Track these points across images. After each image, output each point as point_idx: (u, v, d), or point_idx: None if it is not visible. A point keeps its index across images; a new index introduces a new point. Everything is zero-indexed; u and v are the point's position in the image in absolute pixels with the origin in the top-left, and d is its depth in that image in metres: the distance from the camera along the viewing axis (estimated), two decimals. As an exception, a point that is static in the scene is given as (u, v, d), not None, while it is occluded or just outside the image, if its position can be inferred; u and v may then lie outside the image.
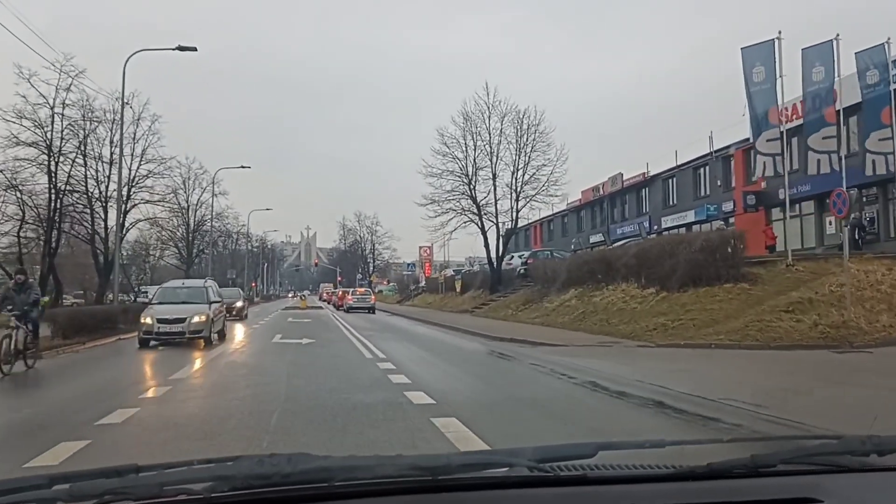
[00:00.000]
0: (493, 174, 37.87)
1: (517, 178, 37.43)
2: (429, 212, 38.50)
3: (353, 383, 10.33)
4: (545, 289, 28.75)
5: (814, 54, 20.58)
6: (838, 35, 20.21)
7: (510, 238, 40.91)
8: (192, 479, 1.43)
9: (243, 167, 49.70)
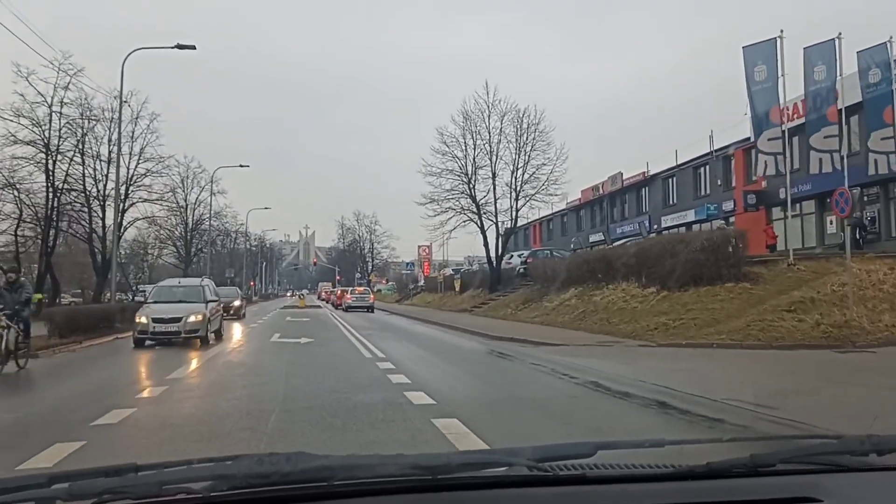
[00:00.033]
0: (493, 173, 37.87)
1: (517, 178, 37.43)
2: (428, 211, 38.52)
3: (352, 383, 10.24)
4: (545, 288, 28.67)
5: (815, 53, 20.49)
6: (840, 34, 20.13)
7: (509, 237, 40.82)
8: (192, 479, 1.43)
9: (242, 166, 49.65)
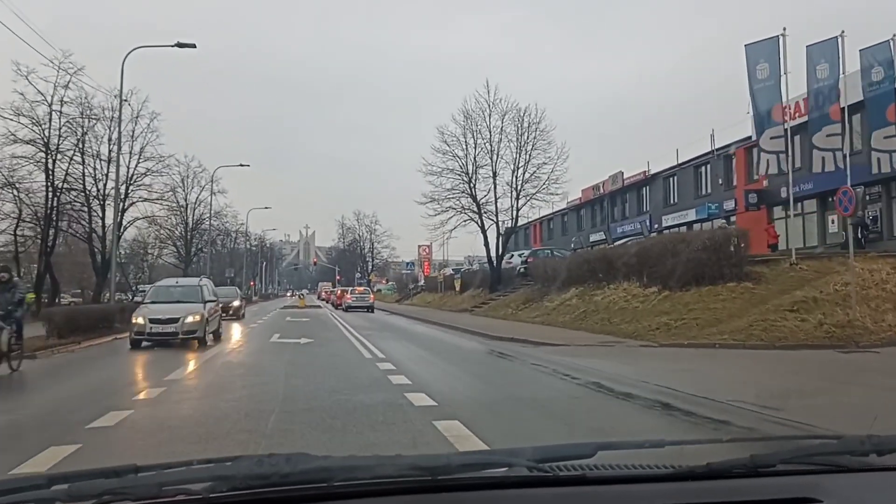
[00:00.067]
0: (494, 172, 37.76)
1: (517, 177, 37.30)
2: (428, 210, 38.41)
3: (352, 384, 10.15)
4: (545, 288, 28.57)
5: (818, 51, 20.40)
6: (843, 32, 20.03)
7: (510, 237, 40.72)
8: (191, 480, 1.43)
9: (242, 165, 49.58)
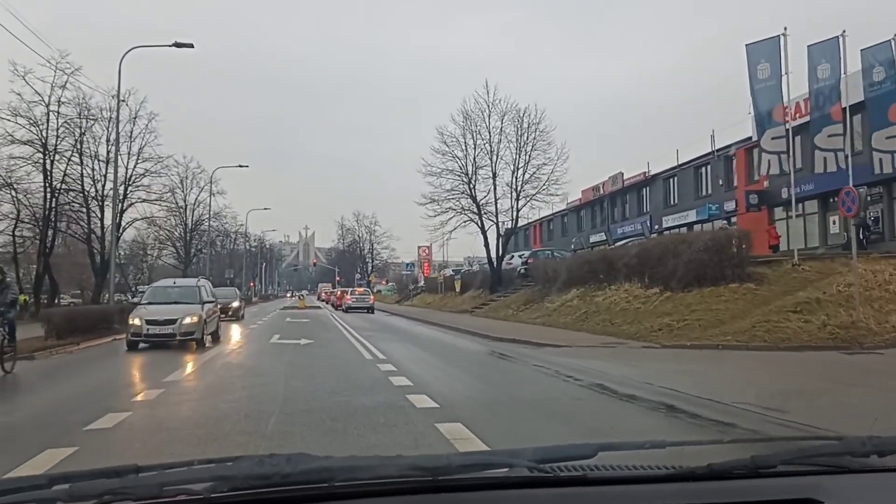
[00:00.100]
0: (493, 173, 37.65)
1: (517, 177, 37.20)
2: (428, 211, 38.30)
3: (353, 385, 10.06)
4: (546, 289, 28.48)
5: (819, 51, 20.32)
6: (844, 31, 19.95)
7: (510, 238, 40.64)
8: (192, 480, 1.43)
9: (241, 166, 49.46)
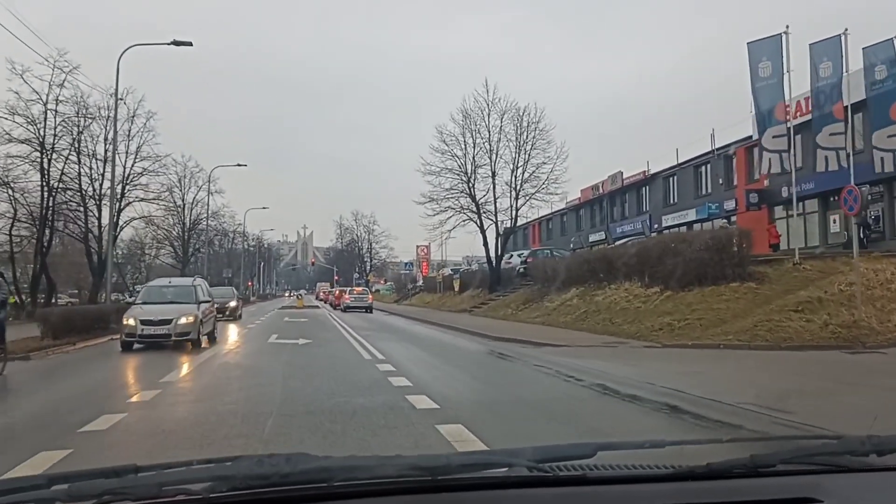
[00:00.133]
0: (493, 172, 37.60)
1: (517, 176, 37.18)
2: (427, 210, 38.27)
3: (352, 386, 9.95)
4: (545, 288, 28.37)
5: (821, 49, 20.21)
6: (846, 30, 19.84)
7: (509, 237, 40.54)
8: (191, 480, 1.43)
9: (239, 165, 49.21)
